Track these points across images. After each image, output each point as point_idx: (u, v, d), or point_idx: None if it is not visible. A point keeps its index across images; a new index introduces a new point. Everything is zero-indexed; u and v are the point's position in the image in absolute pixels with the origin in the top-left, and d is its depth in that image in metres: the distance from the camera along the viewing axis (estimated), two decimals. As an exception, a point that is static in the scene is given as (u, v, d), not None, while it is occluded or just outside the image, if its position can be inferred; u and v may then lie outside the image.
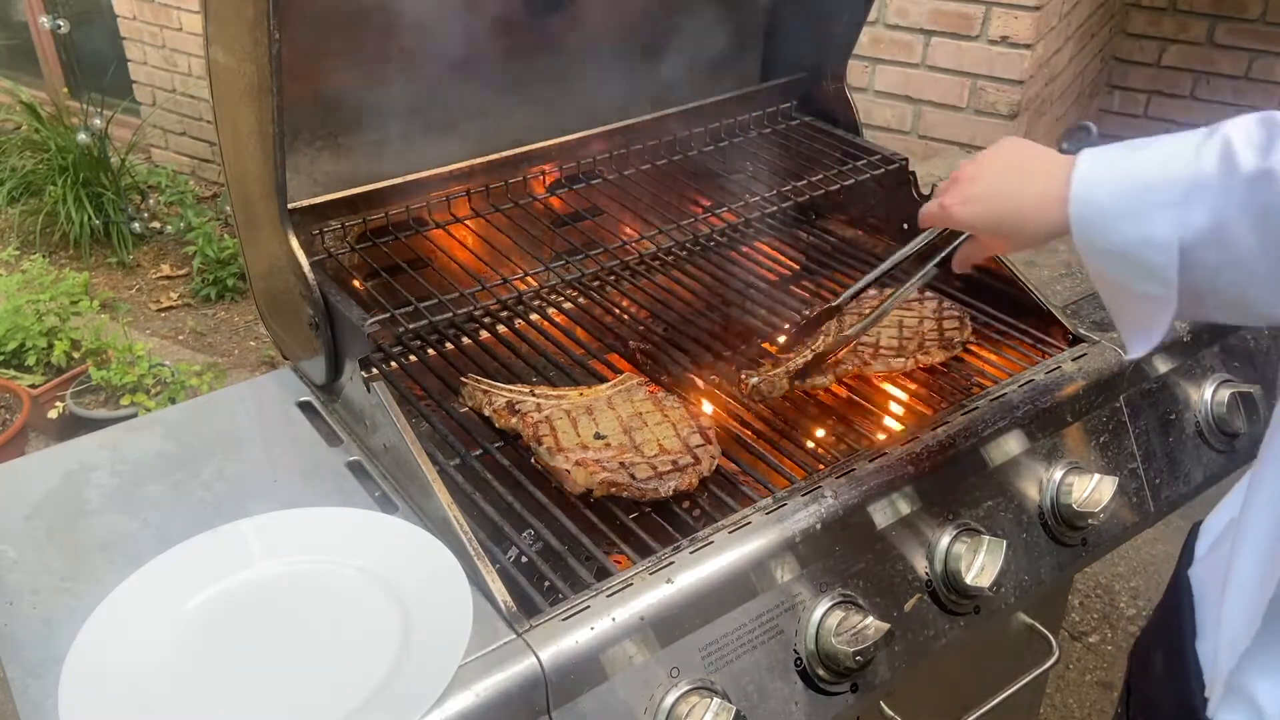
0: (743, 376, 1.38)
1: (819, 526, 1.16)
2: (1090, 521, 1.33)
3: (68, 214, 4.33)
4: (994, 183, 1.13)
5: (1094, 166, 1.00)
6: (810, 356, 1.38)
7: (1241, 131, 0.91)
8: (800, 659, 1.13)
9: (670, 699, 1.05)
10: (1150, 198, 0.94)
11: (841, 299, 1.44)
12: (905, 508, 1.23)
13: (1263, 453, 1.01)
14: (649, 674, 1.05)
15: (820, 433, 1.39)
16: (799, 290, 1.64)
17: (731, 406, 1.38)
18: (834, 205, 1.76)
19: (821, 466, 1.24)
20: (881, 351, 1.42)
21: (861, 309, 1.48)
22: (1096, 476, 1.32)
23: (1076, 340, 1.48)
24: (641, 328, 1.51)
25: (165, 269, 4.44)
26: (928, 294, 1.54)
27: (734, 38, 1.85)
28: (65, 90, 5.19)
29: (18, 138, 4.67)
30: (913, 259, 1.36)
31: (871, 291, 1.45)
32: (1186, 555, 1.16)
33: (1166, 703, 1.11)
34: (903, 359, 1.40)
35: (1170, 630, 1.12)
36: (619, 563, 1.14)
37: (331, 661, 1.03)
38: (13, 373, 3.39)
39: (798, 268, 1.70)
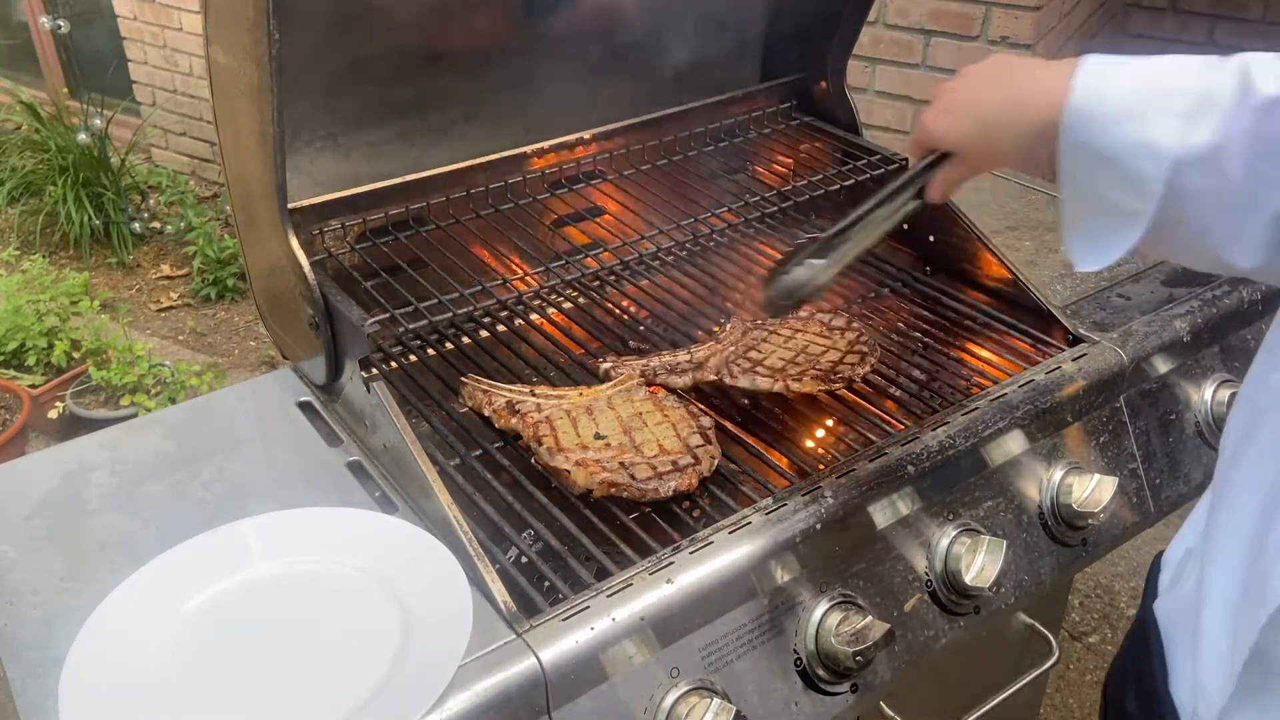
0: (601, 359, 1.41)
1: (819, 526, 1.16)
2: (1090, 521, 1.33)
3: (68, 214, 4.33)
4: (977, 88, 1.05)
5: (1103, 63, 0.93)
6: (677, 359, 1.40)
7: (1261, 61, 0.87)
8: (800, 659, 1.13)
9: (670, 699, 1.05)
10: (1159, 103, 0.89)
11: (828, 233, 1.22)
12: (905, 508, 1.23)
13: (1218, 482, 0.97)
14: (649, 674, 1.05)
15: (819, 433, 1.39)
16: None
17: (731, 407, 1.38)
18: (834, 205, 1.76)
19: (821, 466, 1.24)
20: (758, 369, 1.37)
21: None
22: (1096, 476, 1.32)
23: (1076, 340, 1.48)
24: (641, 328, 1.51)
25: (165, 269, 4.44)
26: (854, 323, 1.47)
27: (733, 38, 1.85)
28: (65, 90, 5.19)
29: (18, 138, 4.66)
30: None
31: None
32: (1150, 589, 1.13)
33: None
34: (770, 379, 1.34)
35: (1140, 669, 1.09)
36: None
37: (331, 661, 1.03)
38: (13, 373, 3.39)
39: (798, 268, 1.70)
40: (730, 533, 1.13)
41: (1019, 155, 1.04)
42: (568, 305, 1.56)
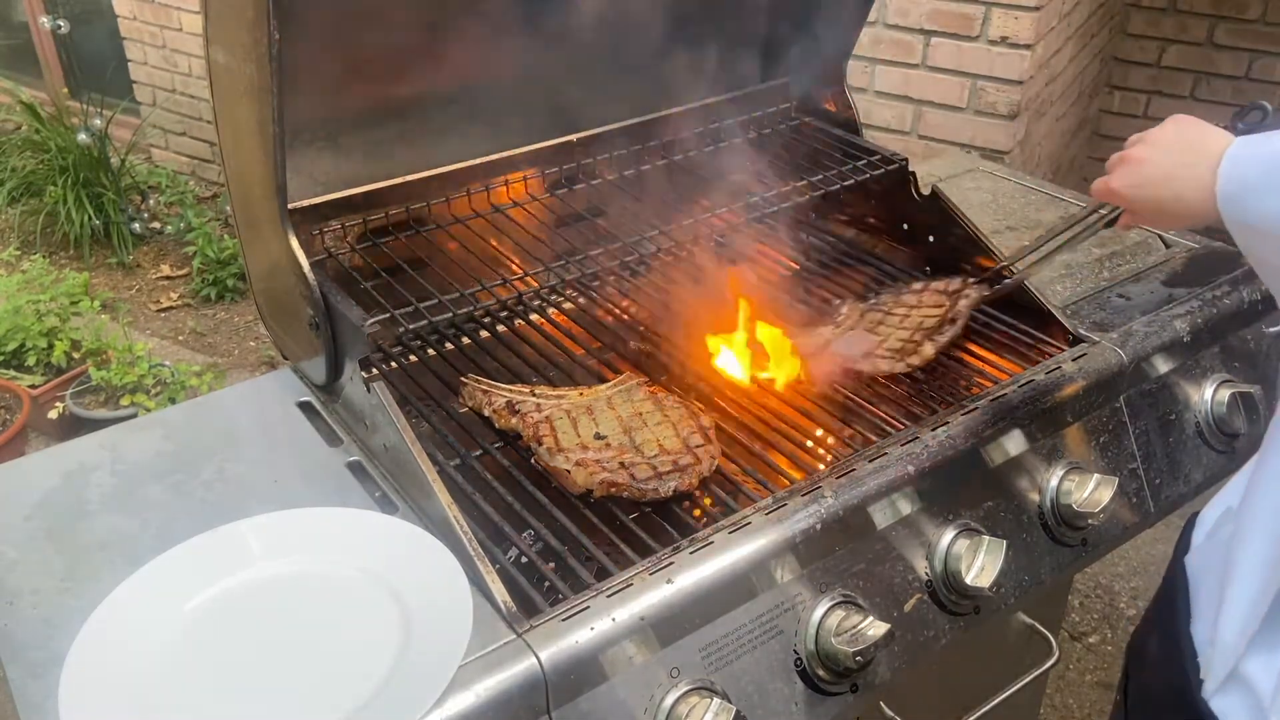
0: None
1: (819, 526, 1.16)
2: (1090, 521, 1.33)
3: (68, 214, 4.33)
4: (1159, 166, 1.13)
5: (1244, 144, 1.02)
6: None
7: None
8: (800, 659, 1.13)
9: (670, 699, 1.05)
10: None
11: (1016, 258, 1.52)
12: (905, 508, 1.23)
13: (1266, 443, 1.03)
14: (649, 674, 1.05)
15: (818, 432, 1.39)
16: (799, 290, 1.64)
17: (729, 407, 1.38)
18: (834, 205, 1.76)
19: (821, 466, 1.24)
20: (882, 349, 1.42)
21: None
22: (1096, 477, 1.32)
23: (1076, 340, 1.48)
24: (642, 328, 1.51)
25: (165, 269, 4.44)
26: (969, 282, 1.52)
27: (733, 38, 1.85)
28: (65, 90, 5.20)
29: (18, 138, 4.66)
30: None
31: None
32: (1183, 545, 1.20)
33: (1161, 688, 1.15)
34: (892, 361, 1.41)
35: (1165, 617, 1.16)
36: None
37: (331, 661, 1.03)
38: (13, 373, 3.39)
39: (797, 268, 1.70)
40: (730, 533, 1.13)
41: (1194, 225, 1.17)
42: (568, 305, 1.56)
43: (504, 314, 1.49)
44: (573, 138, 1.70)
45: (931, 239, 1.67)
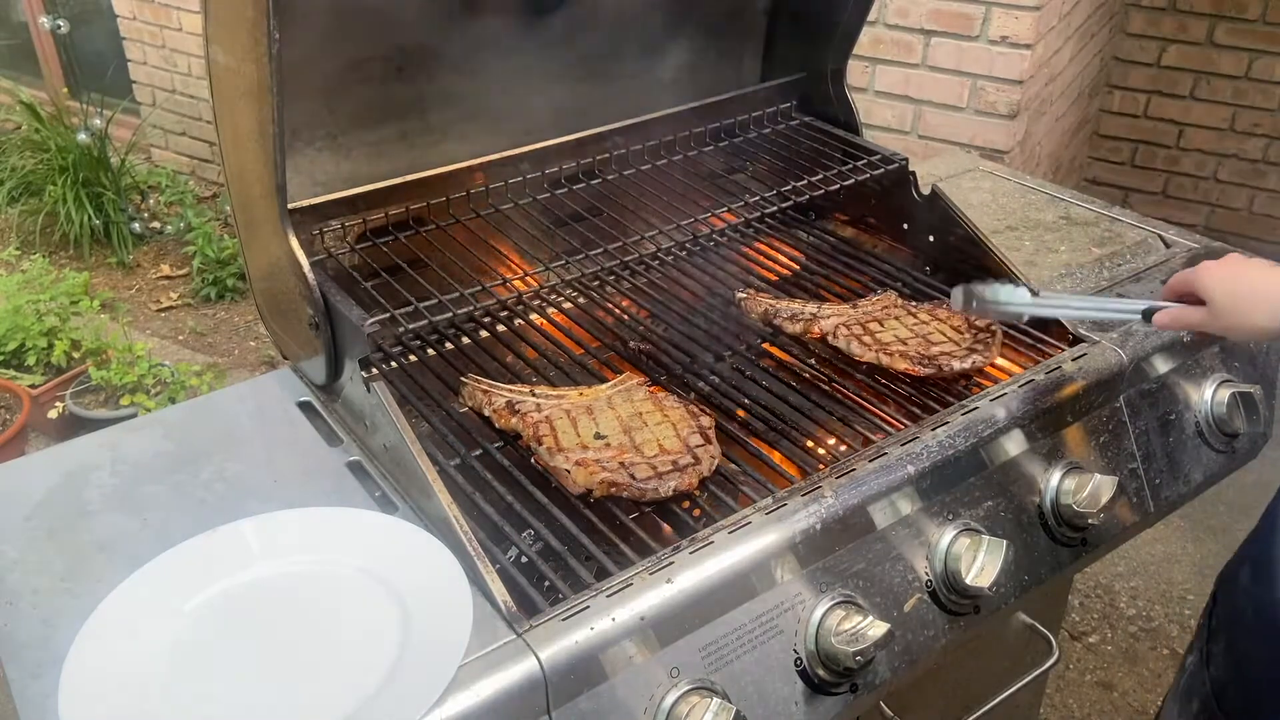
0: (739, 290, 1.57)
1: (819, 526, 1.16)
2: (1090, 521, 1.33)
3: (68, 214, 4.33)
4: (1228, 315, 1.19)
5: None
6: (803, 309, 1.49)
7: None
8: (800, 659, 1.13)
9: (670, 699, 1.05)
10: None
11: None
12: (905, 508, 1.23)
13: None
14: (649, 674, 1.05)
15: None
16: (799, 290, 1.64)
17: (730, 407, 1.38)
18: (834, 205, 1.76)
19: (821, 466, 1.24)
20: (863, 338, 1.43)
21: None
22: (1096, 476, 1.32)
23: (1076, 340, 1.48)
24: (641, 328, 1.51)
25: (165, 269, 4.43)
26: (992, 325, 1.48)
27: (733, 38, 1.85)
28: (65, 90, 5.19)
29: (18, 138, 4.66)
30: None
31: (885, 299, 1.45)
32: None
33: (1249, 609, 1.22)
34: (865, 349, 1.42)
35: (1260, 548, 1.23)
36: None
37: (331, 662, 1.03)
38: (13, 373, 3.39)
39: (798, 268, 1.70)
40: (730, 533, 1.13)
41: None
42: (568, 305, 1.56)
43: (504, 314, 1.49)
44: (572, 138, 1.70)
45: (931, 239, 1.67)
